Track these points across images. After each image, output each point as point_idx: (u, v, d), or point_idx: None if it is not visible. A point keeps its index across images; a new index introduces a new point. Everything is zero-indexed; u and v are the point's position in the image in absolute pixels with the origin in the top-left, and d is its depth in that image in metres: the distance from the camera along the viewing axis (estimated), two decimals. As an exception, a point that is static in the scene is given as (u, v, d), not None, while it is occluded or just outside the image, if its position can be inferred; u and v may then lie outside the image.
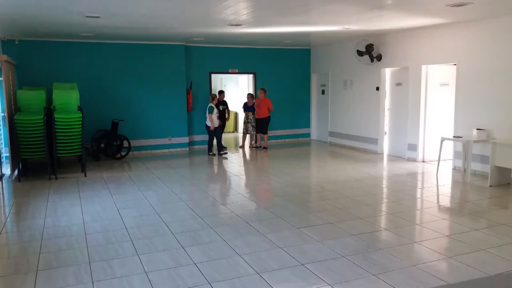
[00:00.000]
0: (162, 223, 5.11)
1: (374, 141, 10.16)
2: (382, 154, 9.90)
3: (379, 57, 9.64)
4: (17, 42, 9.05)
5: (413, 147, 9.04)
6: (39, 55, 9.35)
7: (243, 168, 9.01)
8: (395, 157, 9.48)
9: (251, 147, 11.13)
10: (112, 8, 6.13)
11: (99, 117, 9.77)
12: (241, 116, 12.67)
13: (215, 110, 9.84)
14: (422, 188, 6.93)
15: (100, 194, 6.55)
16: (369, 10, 6.57)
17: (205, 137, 10.46)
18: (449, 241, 4.47)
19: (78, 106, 7.96)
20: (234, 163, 9.34)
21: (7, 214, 5.70)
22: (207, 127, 9.97)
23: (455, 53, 7.97)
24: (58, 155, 7.85)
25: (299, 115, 12.50)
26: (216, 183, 7.67)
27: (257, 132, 10.84)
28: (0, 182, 7.50)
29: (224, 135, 11.98)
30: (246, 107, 10.85)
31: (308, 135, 12.71)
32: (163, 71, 10.44)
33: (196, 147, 11.13)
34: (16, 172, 7.94)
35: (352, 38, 9.98)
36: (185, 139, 10.89)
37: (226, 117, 10.75)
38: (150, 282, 3.57)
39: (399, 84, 9.46)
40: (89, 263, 3.97)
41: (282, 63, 12.06)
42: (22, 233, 4.92)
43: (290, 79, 12.23)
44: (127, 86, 10.16)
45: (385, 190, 6.79)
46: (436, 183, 7.16)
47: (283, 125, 12.20)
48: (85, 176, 7.81)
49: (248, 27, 8.07)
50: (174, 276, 3.68)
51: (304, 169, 8.53)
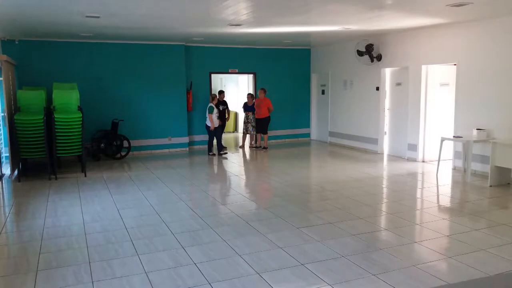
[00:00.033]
0: (162, 223, 5.11)
1: (374, 141, 10.16)
2: (382, 154, 9.90)
3: (379, 57, 9.64)
4: (17, 42, 9.05)
5: (413, 147, 9.04)
6: (39, 55, 9.35)
7: (243, 168, 9.01)
8: (395, 157, 9.48)
9: (251, 147, 11.13)
10: (112, 8, 6.13)
11: (99, 117, 9.77)
12: (241, 116, 12.67)
13: (215, 110, 9.84)
14: (422, 188, 6.93)
15: (100, 194, 6.55)
16: (369, 10, 6.57)
17: (205, 137, 10.46)
18: (449, 241, 4.47)
19: (78, 106, 7.96)
20: (234, 163, 9.34)
21: (7, 214, 5.71)
22: (207, 127, 9.97)
23: (455, 53, 7.97)
24: (58, 155, 7.86)
25: (299, 115, 12.50)
26: (216, 183, 7.67)
27: (257, 132, 10.84)
28: (0, 182, 7.50)
29: (224, 135, 11.98)
30: (246, 107, 10.85)
31: (308, 135, 12.71)
32: (163, 71, 10.45)
33: (196, 147, 11.13)
34: (16, 172, 7.94)
35: (352, 38, 9.98)
36: (185, 139, 10.89)
37: (226, 117, 10.75)
38: (150, 282, 3.57)
39: (399, 84, 9.46)
40: (89, 263, 3.97)
41: (282, 63, 12.06)
42: (22, 233, 4.92)
43: (290, 79, 12.23)
44: (127, 86, 10.16)
45: (385, 190, 6.79)
46: (436, 183, 7.16)
47: (283, 125, 12.20)
48: (85, 176, 7.82)
49: (248, 27, 8.07)
50: (174, 276, 3.68)
51: (304, 169, 8.53)
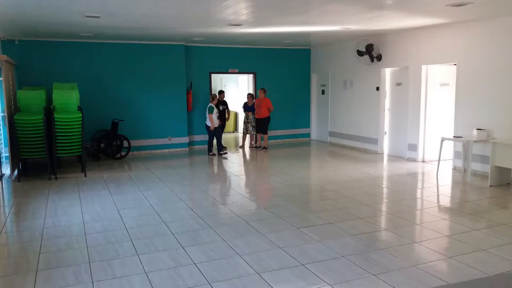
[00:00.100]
0: (162, 223, 5.11)
1: (374, 141, 10.16)
2: (382, 154, 9.90)
3: (379, 57, 9.64)
4: (17, 42, 9.05)
5: (413, 147, 9.04)
6: (39, 55, 9.35)
7: (243, 168, 9.01)
8: (395, 157, 9.48)
9: (251, 147, 11.13)
10: (112, 8, 6.13)
11: (99, 117, 9.77)
12: (241, 116, 12.67)
13: (215, 110, 9.84)
14: (422, 188, 6.93)
15: (100, 194, 6.55)
16: (369, 10, 6.57)
17: (205, 137, 10.46)
18: (449, 241, 4.47)
19: (78, 106, 7.95)
20: (234, 163, 9.34)
21: (7, 214, 5.70)
22: (207, 127, 9.97)
23: (455, 53, 7.97)
24: (58, 155, 7.85)
25: (299, 115, 12.49)
26: (216, 183, 7.67)
27: (257, 132, 10.84)
28: (0, 182, 7.50)
29: (224, 135, 11.99)
30: (246, 107, 10.85)
31: (308, 135, 12.71)
32: (163, 71, 10.44)
33: (196, 147, 11.13)
34: (16, 172, 7.94)
35: (352, 38, 9.98)
36: (185, 139, 10.88)
37: (226, 117, 10.74)
38: (150, 282, 3.57)
39: (399, 84, 9.46)
40: (89, 263, 3.97)
41: (282, 63, 12.06)
42: (22, 233, 4.92)
43: (290, 79, 12.23)
44: (127, 86, 10.16)
45: (385, 190, 6.79)
46: (436, 183, 7.16)
47: (283, 125, 12.20)
48: (85, 176, 7.81)
49: (248, 27, 8.06)
50: (174, 276, 3.68)
51: (304, 169, 8.52)
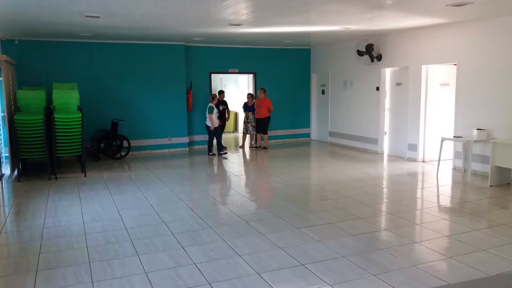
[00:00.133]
0: (162, 223, 5.11)
1: (374, 141, 10.16)
2: (382, 154, 9.90)
3: (379, 57, 9.64)
4: (17, 42, 9.04)
5: (413, 147, 9.04)
6: (39, 55, 9.34)
7: (243, 168, 9.00)
8: (395, 157, 9.48)
9: (251, 147, 11.13)
10: (112, 8, 6.13)
11: (99, 117, 9.77)
12: (241, 116, 12.67)
13: (215, 110, 9.84)
14: (422, 188, 6.93)
15: (100, 194, 6.55)
16: (369, 10, 6.56)
17: (205, 137, 10.46)
18: (449, 241, 4.47)
19: (78, 106, 7.95)
20: (234, 163, 9.34)
21: (7, 214, 5.70)
22: (207, 127, 9.97)
23: (455, 53, 7.97)
24: (58, 155, 7.85)
25: (299, 115, 12.49)
26: (216, 183, 7.67)
27: (257, 132, 10.84)
28: (0, 182, 7.50)
29: (224, 135, 11.98)
30: (246, 107, 10.85)
31: (308, 135, 12.71)
32: (163, 71, 10.44)
33: (196, 147, 11.13)
34: (16, 172, 7.94)
35: (352, 38, 9.98)
36: (185, 139, 10.88)
37: (226, 117, 10.74)
38: (150, 282, 3.57)
39: (399, 84, 9.46)
40: (89, 263, 3.97)
41: (282, 63, 12.06)
42: (22, 233, 4.92)
43: (290, 79, 12.23)
44: (127, 86, 10.15)
45: (385, 190, 6.79)
46: (436, 183, 7.16)
47: (283, 125, 12.19)
48: (85, 176, 7.81)
49: (248, 27, 8.06)
50: (174, 276, 3.68)
51: (304, 169, 8.52)
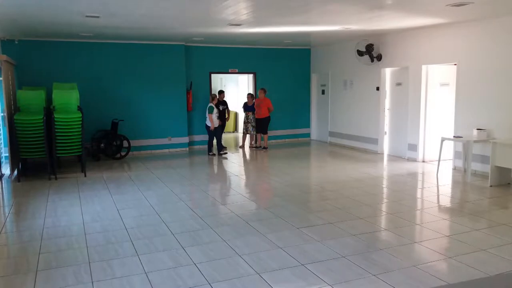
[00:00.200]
0: (162, 223, 5.11)
1: (374, 141, 10.16)
2: (382, 154, 9.90)
3: (379, 57, 9.64)
4: (17, 42, 9.04)
5: (413, 147, 9.04)
6: (39, 55, 9.34)
7: (243, 168, 9.00)
8: (395, 157, 9.48)
9: (251, 147, 11.13)
10: (112, 8, 6.13)
11: (99, 117, 9.77)
12: (241, 116, 12.67)
13: (215, 110, 9.84)
14: (422, 188, 6.93)
15: (100, 194, 6.55)
16: (369, 10, 6.56)
17: (205, 137, 10.46)
18: (449, 241, 4.46)
19: (78, 106, 7.95)
20: (234, 163, 9.34)
21: (7, 214, 5.70)
22: (207, 127, 9.97)
23: (455, 53, 7.97)
24: (58, 155, 7.85)
25: (299, 115, 12.49)
26: (216, 183, 7.67)
27: (257, 132, 10.84)
28: (0, 182, 7.50)
29: (224, 135, 11.98)
30: (246, 107, 10.85)
31: (308, 135, 12.71)
32: (163, 71, 10.44)
33: (196, 147, 11.12)
34: (16, 172, 7.94)
35: (352, 38, 9.98)
36: (185, 139, 10.88)
37: (226, 117, 10.74)
38: (150, 283, 3.57)
39: (399, 84, 9.45)
40: (89, 263, 3.97)
41: (282, 63, 12.06)
42: (22, 233, 4.92)
43: (290, 79, 12.23)
44: (127, 86, 10.15)
45: (385, 190, 6.78)
46: (436, 183, 7.16)
47: (283, 125, 12.19)
48: (85, 176, 7.81)
49: (248, 27, 8.06)
50: (174, 276, 3.67)
51: (304, 169, 8.52)
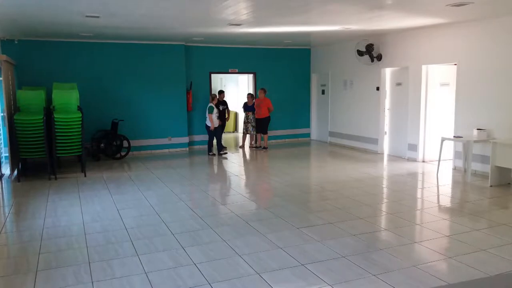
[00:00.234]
0: (162, 223, 5.11)
1: (374, 141, 10.16)
2: (382, 154, 9.90)
3: (379, 57, 9.64)
4: (17, 42, 9.04)
5: (413, 147, 9.04)
6: (39, 55, 9.34)
7: (243, 168, 9.00)
8: (395, 157, 9.48)
9: (251, 147, 11.12)
10: (112, 8, 6.13)
11: (99, 117, 9.77)
12: (241, 116, 12.67)
13: (215, 110, 9.83)
14: (422, 188, 6.93)
15: (100, 194, 6.54)
16: (369, 10, 6.56)
17: (205, 137, 10.46)
18: (449, 241, 4.46)
19: (78, 106, 7.95)
20: (234, 163, 9.34)
21: (7, 214, 5.70)
22: (207, 127, 9.97)
23: (455, 53, 7.97)
24: (58, 155, 7.85)
25: (299, 115, 12.49)
26: (216, 183, 7.67)
27: (257, 132, 10.84)
28: (0, 182, 7.49)
29: (224, 135, 11.98)
30: (246, 107, 10.84)
31: (308, 135, 12.71)
32: (163, 71, 10.44)
33: (196, 147, 11.12)
34: (16, 172, 7.94)
35: (352, 38, 9.98)
36: (185, 139, 10.88)
37: (226, 117, 10.74)
38: (150, 283, 3.57)
39: (399, 84, 9.45)
40: (89, 263, 3.97)
41: (282, 63, 12.05)
42: (22, 233, 4.92)
43: (290, 79, 12.23)
44: (127, 86, 10.15)
45: (385, 190, 6.78)
46: (437, 183, 7.16)
47: (283, 125, 12.19)
48: (85, 176, 7.81)
49: (248, 27, 8.06)
50: (174, 276, 3.67)
51: (304, 169, 8.52)
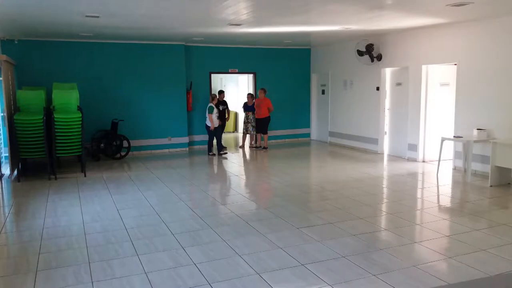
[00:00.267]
0: (162, 223, 5.11)
1: (374, 141, 10.16)
2: (382, 154, 9.89)
3: (379, 57, 9.64)
4: (17, 42, 9.04)
5: (413, 147, 9.04)
6: (39, 55, 9.34)
7: (243, 168, 9.00)
8: (395, 157, 9.47)
9: (251, 147, 11.12)
10: (112, 8, 6.13)
11: (99, 117, 9.76)
12: (241, 116, 12.66)
13: (215, 110, 9.83)
14: (422, 188, 6.93)
15: (100, 194, 6.54)
16: (369, 10, 6.56)
17: (205, 137, 10.46)
18: (449, 241, 4.46)
19: (78, 106, 7.95)
20: (234, 163, 9.34)
21: (7, 214, 5.70)
22: (207, 127, 9.96)
23: (455, 53, 7.97)
24: (58, 155, 7.84)
25: (299, 115, 12.49)
26: (216, 183, 7.67)
27: (257, 132, 10.84)
28: (0, 182, 7.49)
29: (224, 135, 11.98)
30: (246, 107, 10.84)
31: (308, 135, 12.70)
32: (163, 71, 10.44)
33: (196, 147, 11.12)
34: (16, 172, 7.94)
35: (352, 38, 9.98)
36: (185, 139, 10.88)
37: (226, 117, 10.74)
38: (150, 283, 3.57)
39: (399, 84, 9.45)
40: (89, 263, 3.97)
41: (282, 63, 12.05)
42: (22, 233, 4.92)
43: (290, 79, 12.23)
44: (127, 86, 10.15)
45: (385, 190, 6.78)
46: (437, 183, 7.16)
47: (283, 125, 12.19)
48: (85, 176, 7.81)
49: (248, 27, 8.06)
50: (174, 277, 3.67)
51: (304, 169, 8.52)
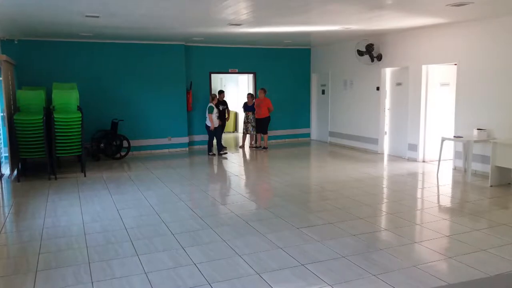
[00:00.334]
0: (162, 223, 5.10)
1: (374, 141, 10.15)
2: (382, 154, 9.89)
3: (379, 57, 9.63)
4: (17, 42, 9.04)
5: (414, 147, 9.03)
6: (39, 55, 9.34)
7: (243, 168, 9.00)
8: (396, 157, 9.47)
9: (251, 147, 11.12)
10: (112, 8, 6.13)
11: (99, 117, 9.76)
12: (241, 116, 12.66)
13: (215, 110, 9.83)
14: (423, 188, 6.92)
15: (100, 194, 6.54)
16: (369, 10, 6.56)
17: (205, 137, 10.45)
18: (450, 241, 4.46)
19: (78, 106, 7.95)
20: (234, 163, 9.34)
21: (7, 214, 5.70)
22: (207, 127, 9.96)
23: (455, 53, 7.96)
24: (58, 155, 7.84)
25: (299, 115, 12.49)
26: (216, 183, 7.67)
27: (257, 132, 10.83)
28: (0, 182, 7.49)
29: (224, 135, 11.98)
30: (246, 107, 10.84)
31: (308, 135, 12.70)
32: (163, 71, 10.44)
33: (196, 147, 11.12)
34: (16, 172, 7.94)
35: (352, 38, 9.97)
36: (185, 139, 10.88)
37: (226, 117, 10.74)
38: (150, 283, 3.57)
39: (399, 84, 9.45)
40: (89, 263, 3.97)
41: (282, 63, 12.05)
42: (22, 233, 4.91)
43: (290, 79, 12.22)
44: (127, 86, 10.15)
45: (385, 190, 6.78)
46: (437, 183, 7.15)
47: (283, 125, 12.19)
48: (85, 176, 7.81)
49: (248, 27, 8.06)
50: (174, 277, 3.67)
51: (304, 169, 8.52)
